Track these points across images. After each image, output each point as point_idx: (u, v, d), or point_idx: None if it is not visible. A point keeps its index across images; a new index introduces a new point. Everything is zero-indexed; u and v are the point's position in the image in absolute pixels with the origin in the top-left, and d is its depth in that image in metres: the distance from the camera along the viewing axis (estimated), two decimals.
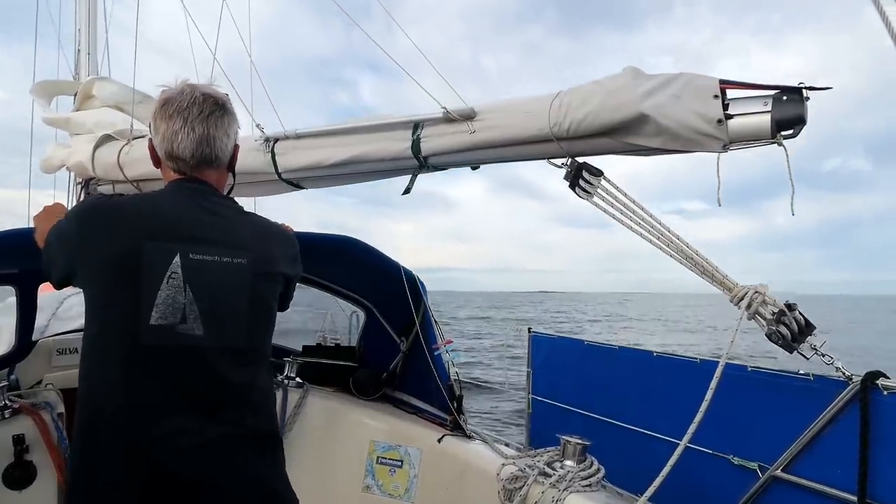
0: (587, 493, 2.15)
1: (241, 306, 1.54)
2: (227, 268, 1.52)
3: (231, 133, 1.67)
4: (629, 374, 3.14)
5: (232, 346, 1.51)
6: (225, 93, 1.69)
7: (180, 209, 1.56)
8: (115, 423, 1.41)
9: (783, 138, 1.68)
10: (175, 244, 1.47)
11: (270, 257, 1.63)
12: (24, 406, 2.64)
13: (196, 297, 1.46)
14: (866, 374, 1.98)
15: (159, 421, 1.41)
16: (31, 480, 2.51)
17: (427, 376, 3.05)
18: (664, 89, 1.78)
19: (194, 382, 1.46)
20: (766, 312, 1.92)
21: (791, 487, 2.19)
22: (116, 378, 1.43)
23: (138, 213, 1.52)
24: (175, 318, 1.44)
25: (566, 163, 2.02)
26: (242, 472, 1.51)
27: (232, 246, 1.55)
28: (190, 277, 1.46)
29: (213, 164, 1.64)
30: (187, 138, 1.59)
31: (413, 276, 3.11)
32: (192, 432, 1.44)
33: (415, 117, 2.21)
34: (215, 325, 1.48)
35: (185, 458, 1.43)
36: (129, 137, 3.24)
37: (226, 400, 1.50)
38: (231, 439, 1.49)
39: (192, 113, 1.58)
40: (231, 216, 1.65)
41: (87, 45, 4.59)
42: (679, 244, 1.94)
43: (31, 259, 1.85)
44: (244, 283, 1.54)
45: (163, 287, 1.43)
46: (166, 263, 1.45)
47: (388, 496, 3.06)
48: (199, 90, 1.61)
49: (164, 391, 1.43)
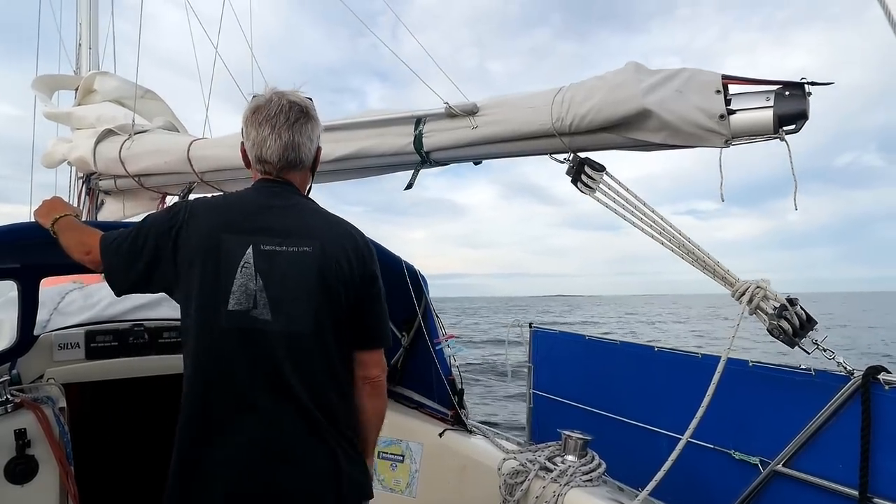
0: (588, 487, 2.16)
1: (307, 292, 1.61)
2: (294, 256, 1.62)
3: (314, 137, 1.78)
4: (630, 369, 3.14)
5: (298, 330, 1.59)
6: (309, 97, 1.79)
7: (257, 205, 1.70)
8: (208, 396, 1.58)
9: (785, 133, 1.68)
10: (248, 236, 1.61)
11: (337, 247, 1.68)
12: (26, 401, 2.64)
13: (265, 284, 1.58)
14: (867, 368, 1.98)
15: (243, 394, 1.57)
16: (33, 475, 2.51)
17: (428, 371, 3.05)
18: (667, 84, 1.78)
19: (265, 363, 1.58)
20: (767, 307, 1.92)
21: (792, 482, 2.19)
22: (205, 358, 1.59)
23: (218, 209, 1.68)
24: (249, 304, 1.57)
25: (568, 158, 2.02)
26: (310, 447, 1.61)
27: (300, 235, 1.64)
28: (260, 266, 1.59)
29: (297, 167, 1.76)
30: (275, 144, 1.70)
31: (414, 270, 3.11)
32: (264, 409, 1.57)
33: (417, 112, 2.21)
34: (282, 310, 1.58)
35: (267, 431, 1.57)
36: (130, 132, 3.24)
37: (291, 380, 1.58)
38: (294, 417, 1.59)
39: (279, 121, 1.69)
40: (304, 211, 1.74)
41: (89, 39, 4.59)
42: (681, 239, 1.94)
43: (32, 253, 1.86)
44: (310, 270, 1.62)
45: (238, 276, 1.58)
46: (240, 254, 1.59)
47: (390, 491, 3.06)
48: (286, 98, 1.71)
49: (244, 369, 1.57)
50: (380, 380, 1.81)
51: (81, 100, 3.85)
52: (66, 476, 2.46)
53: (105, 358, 3.16)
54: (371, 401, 1.80)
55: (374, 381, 1.79)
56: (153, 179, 3.43)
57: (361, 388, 1.77)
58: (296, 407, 1.59)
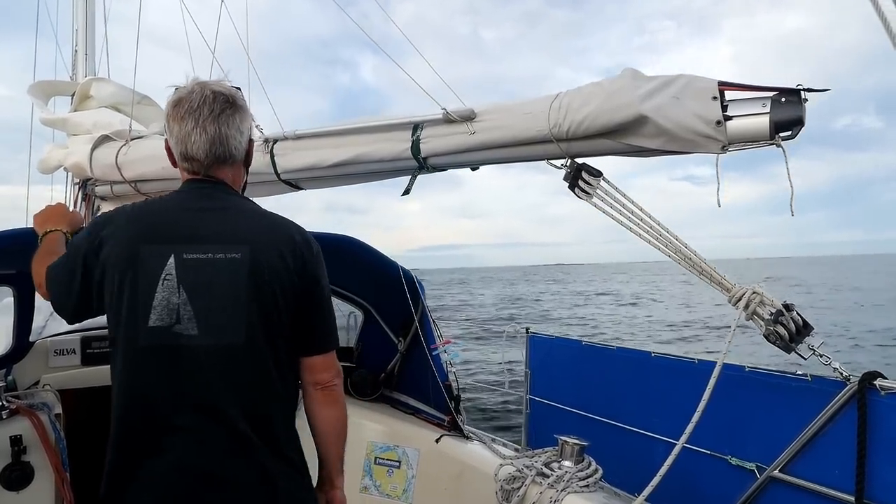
0: (585, 493, 2.16)
1: (236, 301, 1.49)
2: (221, 264, 1.49)
3: (244, 129, 1.65)
4: (627, 374, 3.15)
5: (229, 343, 1.48)
6: (236, 87, 1.67)
7: (181, 210, 1.58)
8: (128, 419, 1.50)
9: (782, 139, 1.69)
10: (170, 246, 1.49)
11: (270, 250, 1.55)
12: (22, 407, 2.63)
13: (190, 296, 1.46)
14: (864, 374, 1.98)
15: (167, 416, 1.46)
16: (29, 481, 2.50)
17: (424, 376, 3.05)
18: (663, 91, 1.79)
19: (189, 381, 1.47)
20: (763, 313, 1.93)
21: (789, 488, 2.19)
22: (125, 377, 1.50)
23: (137, 219, 1.56)
24: (171, 319, 1.45)
25: (566, 164, 2.03)
26: (240, 469, 1.49)
27: (228, 241, 1.52)
28: (184, 278, 1.47)
29: (226, 162, 1.63)
30: (200, 139, 1.57)
31: (411, 276, 3.11)
32: (190, 430, 1.46)
33: (414, 118, 2.22)
34: (210, 322, 1.47)
35: (192, 453, 1.46)
36: (127, 138, 3.23)
37: (220, 398, 1.47)
38: (223, 437, 1.48)
39: (202, 113, 1.56)
40: (236, 213, 1.61)
41: (85, 45, 4.59)
42: (678, 245, 1.95)
43: (28, 259, 1.85)
44: (239, 277, 1.49)
45: (158, 289, 1.46)
46: (161, 266, 1.47)
47: (386, 497, 3.06)
48: (208, 88, 1.59)
49: (165, 389, 1.47)
50: (332, 385, 1.67)
51: (78, 105, 3.85)
52: (62, 483, 2.45)
53: (101, 364, 3.14)
54: (324, 409, 1.68)
55: (326, 385, 1.66)
56: (150, 185, 3.42)
57: (312, 395, 1.65)
58: (226, 427, 1.47)
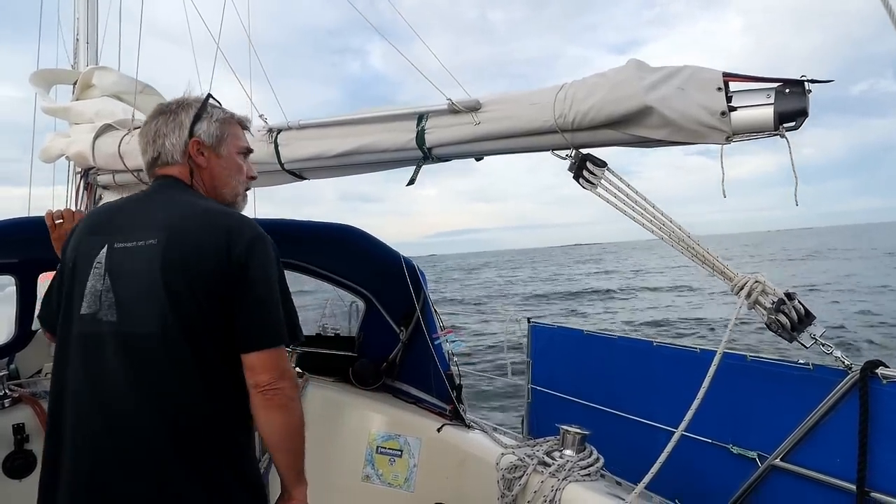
0: (586, 482, 2.17)
1: (150, 289, 1.46)
2: (139, 250, 1.50)
3: (184, 127, 1.71)
4: (628, 363, 3.16)
5: (143, 332, 1.45)
6: (182, 98, 1.78)
7: (126, 203, 1.71)
8: (57, 411, 1.52)
9: (786, 130, 1.70)
10: (106, 236, 1.56)
11: (188, 237, 1.51)
12: (24, 395, 2.65)
13: (113, 283, 1.50)
14: (865, 363, 1.99)
15: (86, 412, 1.47)
16: (32, 469, 2.52)
17: (426, 366, 3.06)
18: (668, 82, 1.79)
19: (103, 372, 1.46)
20: (765, 302, 1.94)
21: (790, 476, 2.20)
22: (55, 367, 1.55)
23: (91, 215, 1.70)
24: (96, 306, 1.49)
25: (570, 154, 2.04)
26: (139, 489, 1.43)
27: (147, 228, 1.53)
28: (110, 266, 1.51)
29: (167, 162, 1.73)
30: (141, 146, 1.76)
31: (413, 265, 3.12)
32: (99, 417, 1.45)
33: (419, 108, 2.22)
34: (126, 310, 1.47)
35: (96, 444, 1.44)
36: (129, 127, 3.22)
37: (131, 394, 1.44)
38: (126, 437, 1.44)
39: (146, 126, 1.75)
40: (167, 202, 1.63)
41: (87, 33, 4.56)
42: (681, 234, 1.96)
43: (30, 248, 1.88)
44: (154, 264, 1.47)
45: (90, 277, 1.52)
46: (94, 255, 1.54)
47: (388, 485, 3.08)
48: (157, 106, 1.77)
49: (83, 381, 1.49)
50: (274, 388, 1.50)
51: (80, 94, 3.83)
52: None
53: None
54: (266, 414, 1.51)
55: (265, 389, 1.49)
56: None
57: (252, 399, 1.51)
58: (133, 435, 1.42)
